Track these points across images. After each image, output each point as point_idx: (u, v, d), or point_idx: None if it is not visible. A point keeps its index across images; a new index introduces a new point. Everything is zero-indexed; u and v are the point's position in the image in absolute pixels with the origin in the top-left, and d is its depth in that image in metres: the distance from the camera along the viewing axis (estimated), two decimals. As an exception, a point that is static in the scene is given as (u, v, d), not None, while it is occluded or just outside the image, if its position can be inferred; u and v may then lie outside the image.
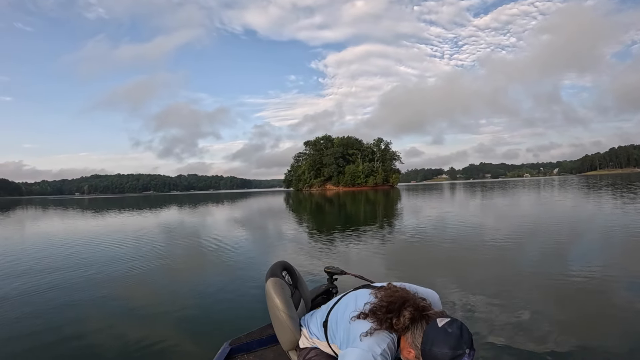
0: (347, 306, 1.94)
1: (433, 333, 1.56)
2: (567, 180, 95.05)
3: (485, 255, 8.40)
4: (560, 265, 7.09)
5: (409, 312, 1.65)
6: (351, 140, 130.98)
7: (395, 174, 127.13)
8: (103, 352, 4.16)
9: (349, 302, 1.97)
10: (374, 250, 9.56)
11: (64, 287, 6.96)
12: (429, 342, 1.54)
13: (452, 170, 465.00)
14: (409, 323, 1.64)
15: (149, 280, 7.45)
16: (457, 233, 11.84)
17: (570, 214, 16.04)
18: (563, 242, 9.58)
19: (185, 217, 24.85)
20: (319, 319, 2.12)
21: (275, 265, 2.50)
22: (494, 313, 4.70)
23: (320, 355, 2.08)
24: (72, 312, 5.57)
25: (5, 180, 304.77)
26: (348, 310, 1.90)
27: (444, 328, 1.55)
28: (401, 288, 1.84)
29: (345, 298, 2.06)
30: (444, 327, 1.56)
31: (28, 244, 13.42)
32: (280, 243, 11.96)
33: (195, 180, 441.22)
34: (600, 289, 5.59)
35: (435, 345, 1.52)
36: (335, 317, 1.99)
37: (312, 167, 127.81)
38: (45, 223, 23.96)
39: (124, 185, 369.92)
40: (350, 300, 1.99)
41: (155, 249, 11.26)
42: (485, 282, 6.15)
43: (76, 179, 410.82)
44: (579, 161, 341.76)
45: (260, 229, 16.63)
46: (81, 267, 8.65)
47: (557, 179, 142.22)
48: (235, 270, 8.07)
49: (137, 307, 5.77)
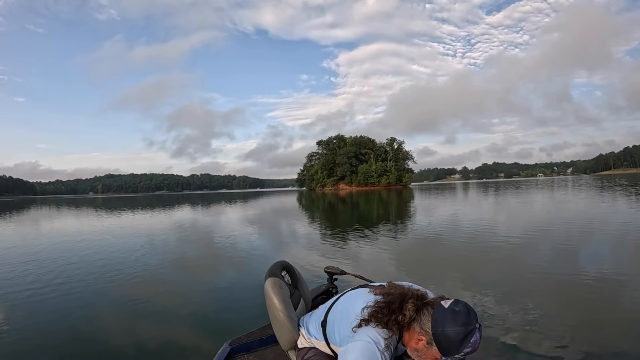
0: (345, 307, 1.93)
1: (441, 315, 1.58)
2: (581, 180, 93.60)
3: (496, 255, 8.29)
4: (573, 266, 6.96)
5: (411, 303, 1.67)
6: (364, 139, 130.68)
7: (408, 174, 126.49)
8: (103, 351, 4.17)
9: (347, 303, 1.95)
10: (384, 250, 9.51)
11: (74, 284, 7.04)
12: (440, 324, 1.57)
13: (465, 170, 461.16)
14: (414, 314, 1.66)
15: (153, 280, 7.49)
16: (468, 233, 11.70)
17: (587, 214, 15.77)
18: (576, 243, 9.40)
19: (197, 217, 25.07)
20: (317, 319, 2.10)
21: (274, 265, 2.46)
22: (504, 313, 4.61)
23: (319, 355, 2.06)
24: (80, 309, 5.62)
25: (20, 180, 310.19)
26: (346, 311, 1.89)
27: (450, 308, 1.58)
28: (397, 285, 1.85)
29: (343, 298, 2.04)
30: (451, 307, 1.58)
31: (41, 241, 13.62)
32: (289, 243, 11.98)
33: (208, 179, 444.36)
34: (612, 291, 5.46)
35: (446, 326, 1.55)
36: (334, 317, 1.97)
37: (325, 167, 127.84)
38: (59, 222, 24.41)
39: (137, 184, 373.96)
40: (348, 300, 1.98)
41: (163, 247, 11.38)
42: (496, 282, 6.06)
43: (90, 178, 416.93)
44: (593, 161, 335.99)
45: (271, 228, 16.66)
46: (89, 266, 8.76)
47: (571, 178, 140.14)
48: (240, 269, 8.11)
49: (138, 306, 5.78)
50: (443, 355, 1.59)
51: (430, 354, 1.64)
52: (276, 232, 14.85)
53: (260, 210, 29.20)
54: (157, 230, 16.41)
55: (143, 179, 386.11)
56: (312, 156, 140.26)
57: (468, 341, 1.54)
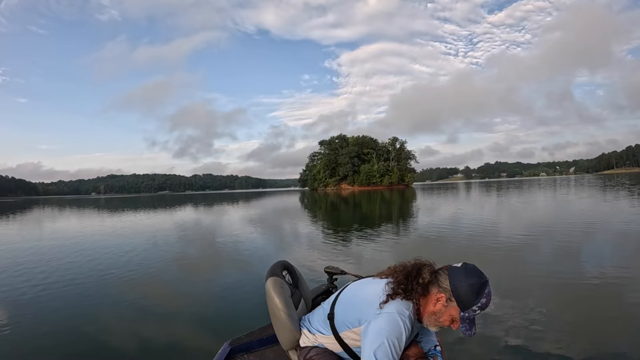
0: (354, 294, 2.01)
1: (456, 272, 1.76)
2: (583, 179, 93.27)
3: (498, 255, 8.26)
4: (574, 266, 6.96)
5: (427, 269, 1.86)
6: (366, 139, 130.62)
7: (411, 173, 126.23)
8: (103, 350, 4.17)
9: (354, 292, 2.04)
10: (385, 250, 9.50)
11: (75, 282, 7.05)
12: (457, 280, 1.73)
13: (468, 170, 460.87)
14: (431, 277, 1.82)
15: (153, 279, 7.49)
16: (470, 232, 11.67)
17: (588, 214, 15.70)
18: (578, 242, 9.37)
19: (199, 217, 25.08)
20: (323, 313, 2.12)
21: (275, 265, 2.48)
22: (506, 312, 4.59)
23: (322, 353, 2.07)
24: (80, 308, 5.62)
25: (23, 181, 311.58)
26: (355, 298, 1.98)
27: (463, 267, 1.77)
28: (400, 263, 2.01)
29: (346, 290, 2.10)
30: (463, 266, 1.77)
31: (41, 241, 13.65)
32: (290, 242, 11.96)
33: (210, 180, 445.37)
34: (615, 291, 5.44)
35: (463, 280, 1.71)
36: (342, 307, 2.02)
37: (327, 167, 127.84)
38: (60, 222, 24.44)
39: (140, 185, 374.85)
40: (353, 290, 2.06)
41: (164, 246, 11.37)
42: (497, 282, 6.02)
43: (92, 179, 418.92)
44: (596, 160, 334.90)
45: (272, 228, 16.63)
46: (91, 263, 8.77)
47: (574, 178, 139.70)
48: (241, 269, 8.10)
49: (138, 306, 5.79)
50: (462, 309, 1.72)
51: (448, 313, 1.77)
52: (277, 232, 14.83)
53: (262, 210, 29.20)
54: (160, 231, 16.42)
55: (145, 180, 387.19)
56: (314, 156, 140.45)
57: (483, 292, 1.69)
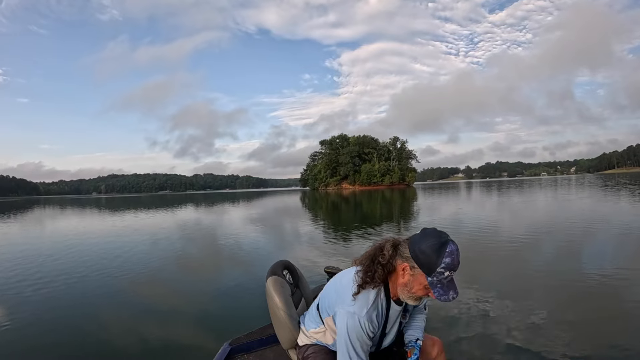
0: (334, 284, 2.05)
1: (415, 238, 1.74)
2: (584, 179, 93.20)
3: (498, 254, 8.25)
4: (575, 265, 6.92)
5: (389, 243, 1.82)
6: (367, 139, 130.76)
7: (412, 173, 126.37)
8: (103, 349, 4.16)
9: (334, 282, 2.06)
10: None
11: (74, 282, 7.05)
12: (415, 245, 1.71)
13: (469, 169, 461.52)
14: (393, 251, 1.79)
15: (154, 279, 7.47)
16: (471, 232, 11.62)
17: (589, 214, 15.67)
18: (579, 242, 9.34)
19: (200, 216, 25.07)
20: (314, 306, 2.15)
21: (276, 264, 2.48)
22: (506, 312, 4.57)
23: (319, 352, 2.07)
24: (81, 307, 5.61)
25: (24, 180, 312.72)
26: (334, 286, 2.03)
27: (421, 232, 1.76)
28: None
29: (331, 279, 2.14)
30: (422, 231, 1.76)
31: (42, 241, 13.64)
32: (290, 242, 11.96)
33: (211, 179, 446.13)
34: (615, 291, 5.41)
35: (421, 244, 1.69)
36: (325, 293, 2.09)
37: (328, 166, 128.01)
38: (62, 222, 24.45)
39: (141, 184, 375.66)
40: (335, 280, 2.08)
41: (165, 246, 11.36)
42: (499, 281, 6.03)
43: (93, 178, 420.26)
44: (597, 159, 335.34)
45: (273, 227, 16.60)
46: (89, 263, 8.75)
47: (575, 177, 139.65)
48: (241, 268, 8.09)
49: (138, 305, 5.78)
50: (427, 274, 1.67)
51: (417, 282, 1.73)
52: (278, 232, 14.81)
53: (263, 210, 29.19)
54: (161, 230, 16.42)
55: (146, 179, 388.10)
56: (315, 156, 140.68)
57: (444, 251, 1.63)
